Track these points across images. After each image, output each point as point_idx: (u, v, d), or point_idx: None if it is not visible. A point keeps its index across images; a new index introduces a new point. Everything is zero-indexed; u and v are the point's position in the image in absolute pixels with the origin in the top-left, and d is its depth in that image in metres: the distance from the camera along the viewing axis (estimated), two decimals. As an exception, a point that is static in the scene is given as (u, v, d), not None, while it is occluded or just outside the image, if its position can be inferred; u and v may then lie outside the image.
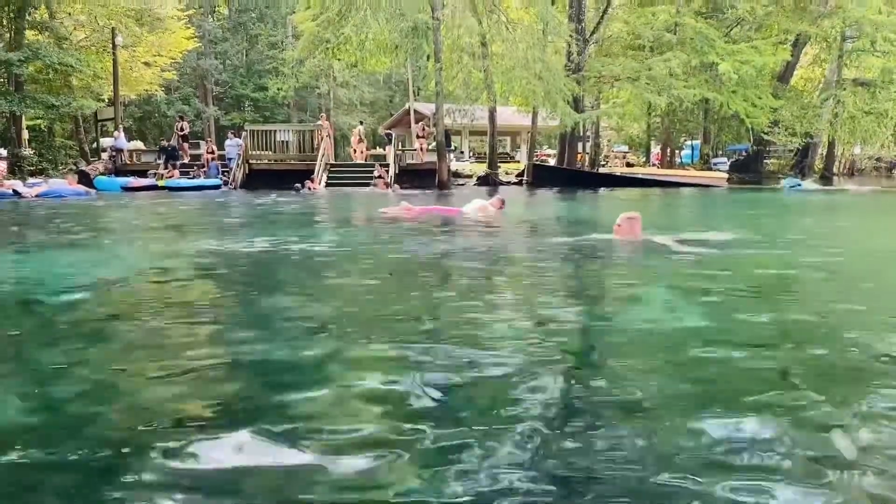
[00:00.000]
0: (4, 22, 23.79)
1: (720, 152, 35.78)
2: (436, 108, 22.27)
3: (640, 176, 25.40)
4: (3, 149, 21.70)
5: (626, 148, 42.83)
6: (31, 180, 18.43)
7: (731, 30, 27.63)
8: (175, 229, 9.26)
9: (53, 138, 28.57)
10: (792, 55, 27.34)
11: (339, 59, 26.84)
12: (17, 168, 21.90)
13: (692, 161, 35.48)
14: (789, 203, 16.27)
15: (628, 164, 33.43)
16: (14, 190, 15.30)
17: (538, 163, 27.55)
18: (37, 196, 15.17)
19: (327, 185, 21.42)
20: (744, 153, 33.56)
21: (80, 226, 9.72)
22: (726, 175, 27.63)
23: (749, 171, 29.51)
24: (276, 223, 10.20)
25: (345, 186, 21.23)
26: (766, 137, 28.11)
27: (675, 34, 24.72)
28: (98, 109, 27.43)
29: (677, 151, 38.47)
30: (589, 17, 25.75)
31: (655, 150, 39.64)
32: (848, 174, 37.28)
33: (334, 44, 23.29)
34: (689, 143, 39.36)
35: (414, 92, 33.93)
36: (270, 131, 23.81)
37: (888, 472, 1.70)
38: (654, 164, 36.29)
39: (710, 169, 30.65)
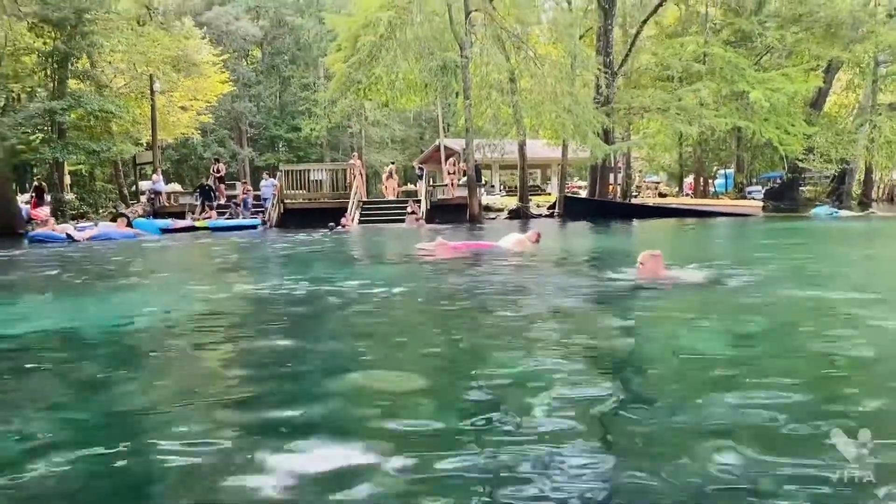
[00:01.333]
0: (48, 72, 24.70)
1: (754, 180, 35.39)
2: (466, 144, 22.47)
3: (672, 206, 25.21)
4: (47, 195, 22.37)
5: (657, 178, 42.50)
6: (81, 224, 18.98)
7: (760, 58, 27.51)
8: (222, 270, 9.54)
9: (94, 182, 29.45)
10: (824, 81, 27.08)
11: (370, 99, 27.35)
12: (59, 212, 22.54)
13: (726, 190, 35.10)
14: (825, 232, 15.87)
15: (661, 195, 33.27)
16: (67, 234, 15.77)
17: (570, 195, 27.53)
18: (88, 239, 15.61)
19: (360, 221, 21.65)
20: (778, 181, 33.12)
21: (139, 267, 10.04)
22: (761, 203, 27.29)
23: (784, 198, 29.05)
24: (315, 262, 10.32)
25: (378, 223, 21.45)
26: (800, 164, 27.76)
27: (704, 64, 24.70)
28: (137, 153, 28.26)
29: (710, 180, 38.15)
30: (617, 49, 25.80)
31: (688, 179, 39.36)
32: (888, 199, 36.57)
33: (365, 84, 23.74)
34: (721, 171, 38.98)
35: (444, 128, 34.33)
36: (304, 171, 24.31)
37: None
38: (686, 194, 35.99)
39: (744, 197, 30.31)
